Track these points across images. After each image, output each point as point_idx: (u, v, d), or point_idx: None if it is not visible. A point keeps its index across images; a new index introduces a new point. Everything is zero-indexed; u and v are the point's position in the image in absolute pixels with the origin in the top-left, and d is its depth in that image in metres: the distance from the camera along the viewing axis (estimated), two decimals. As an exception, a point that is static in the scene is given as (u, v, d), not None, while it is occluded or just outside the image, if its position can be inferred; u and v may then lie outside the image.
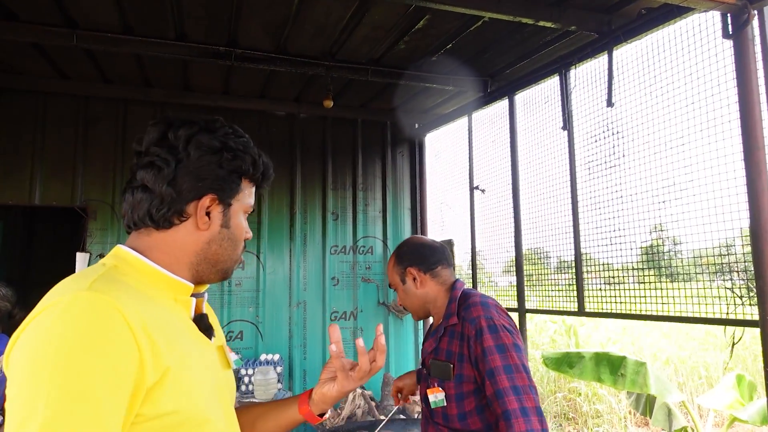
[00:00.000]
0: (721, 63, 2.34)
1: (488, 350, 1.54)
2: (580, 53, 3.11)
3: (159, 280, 0.94)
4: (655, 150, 2.67)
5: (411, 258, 1.82)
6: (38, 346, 0.74)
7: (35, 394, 0.71)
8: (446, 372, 1.64)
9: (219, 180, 0.97)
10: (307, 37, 3.35)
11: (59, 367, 0.71)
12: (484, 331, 1.57)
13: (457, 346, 1.64)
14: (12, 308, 2.82)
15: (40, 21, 3.12)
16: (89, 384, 0.72)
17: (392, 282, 1.85)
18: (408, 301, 1.82)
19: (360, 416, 4.02)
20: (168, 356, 0.83)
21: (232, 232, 1.01)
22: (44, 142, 4.08)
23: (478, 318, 1.60)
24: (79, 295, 0.77)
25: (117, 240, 4.14)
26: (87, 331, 0.74)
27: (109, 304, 0.77)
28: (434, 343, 1.73)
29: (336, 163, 4.84)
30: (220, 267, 1.02)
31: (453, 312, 1.70)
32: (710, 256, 2.50)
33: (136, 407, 0.78)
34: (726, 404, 4.01)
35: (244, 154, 1.00)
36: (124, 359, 0.76)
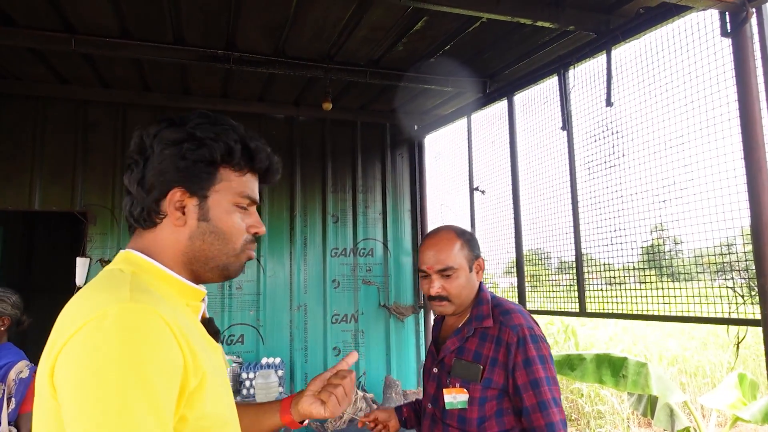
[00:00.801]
0: (720, 61, 2.34)
1: (532, 360, 1.52)
2: (578, 53, 3.11)
3: (173, 285, 0.95)
4: (654, 149, 2.67)
5: (479, 248, 1.73)
6: (98, 359, 0.74)
7: (105, 406, 0.72)
8: (474, 374, 1.57)
9: (181, 171, 0.93)
10: (305, 39, 3.35)
11: (125, 379, 0.73)
12: (528, 341, 1.54)
13: (490, 350, 1.58)
14: (20, 316, 2.80)
15: (39, 26, 3.12)
16: (154, 393, 0.74)
17: (454, 265, 1.65)
18: (463, 291, 1.66)
19: (362, 419, 4.00)
20: (204, 362, 0.85)
21: (214, 225, 0.96)
22: (43, 147, 4.08)
23: (521, 326, 1.57)
24: (126, 307, 0.78)
25: (117, 244, 4.14)
26: (144, 342, 0.76)
27: (156, 315, 0.79)
28: (458, 342, 1.66)
29: (335, 166, 4.83)
30: (214, 264, 0.97)
31: (487, 314, 1.64)
32: (711, 256, 2.50)
33: (180, 409, 0.81)
34: (728, 404, 3.99)
35: (214, 142, 0.94)
36: (176, 366, 0.79)
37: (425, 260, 1.69)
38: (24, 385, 2.60)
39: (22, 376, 2.61)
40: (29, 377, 2.63)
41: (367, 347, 4.71)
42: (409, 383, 4.78)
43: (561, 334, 7.59)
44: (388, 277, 4.86)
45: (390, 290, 4.85)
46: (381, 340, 4.77)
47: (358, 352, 4.70)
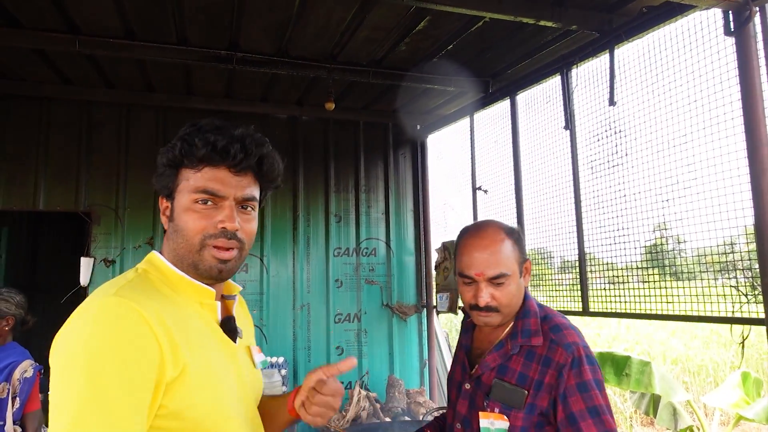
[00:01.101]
0: (723, 60, 2.34)
1: (589, 384, 1.32)
2: (581, 52, 3.11)
3: (184, 285, 1.00)
4: (657, 148, 2.67)
5: (525, 248, 1.49)
6: (70, 345, 0.84)
7: (68, 387, 0.81)
8: (518, 400, 1.36)
9: (158, 178, 1.03)
10: (308, 39, 3.36)
11: (87, 364, 0.81)
12: (583, 362, 1.34)
13: (536, 372, 1.36)
14: (25, 315, 2.82)
15: (43, 27, 3.13)
16: (113, 378, 0.81)
17: (507, 270, 1.41)
18: (513, 300, 1.44)
19: (365, 418, 4.01)
20: (186, 354, 0.90)
21: (176, 224, 1.00)
22: (48, 147, 4.09)
23: (576, 345, 1.36)
24: (105, 300, 0.88)
25: (121, 244, 4.15)
26: (110, 331, 0.84)
27: (130, 307, 0.86)
28: (500, 359, 1.43)
29: (338, 166, 4.84)
30: (186, 262, 1.00)
31: (535, 330, 1.41)
32: (714, 255, 2.50)
33: (159, 398, 0.86)
34: (731, 403, 3.99)
35: (175, 144, 0.99)
36: (146, 354, 0.85)
37: (474, 264, 1.42)
38: (29, 385, 2.62)
39: (26, 376, 2.62)
40: (33, 376, 2.65)
41: (370, 346, 4.72)
42: (411, 383, 4.78)
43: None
44: (391, 277, 4.87)
45: (393, 290, 4.86)
46: (384, 340, 4.78)
47: (361, 352, 4.72)
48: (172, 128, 4.39)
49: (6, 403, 2.57)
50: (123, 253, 4.16)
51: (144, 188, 4.26)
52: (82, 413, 0.79)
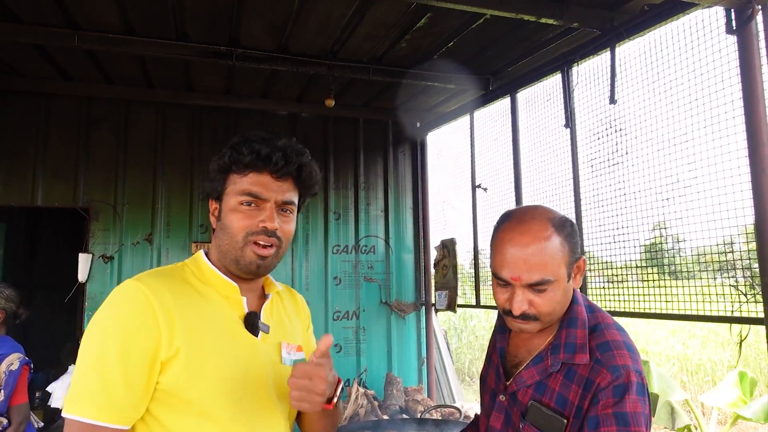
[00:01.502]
0: (725, 59, 2.33)
1: (632, 418, 1.06)
2: (582, 50, 3.10)
3: (212, 279, 1.13)
4: (658, 147, 2.66)
5: (579, 243, 1.21)
6: (92, 322, 1.03)
7: (83, 350, 1.02)
8: (555, 428, 1.14)
9: (210, 182, 1.16)
10: (308, 35, 3.35)
11: (98, 332, 1.01)
12: (631, 390, 1.08)
13: (576, 395, 1.14)
14: (17, 309, 2.82)
15: (42, 22, 3.12)
16: (117, 343, 0.99)
17: (552, 276, 1.15)
18: (557, 307, 1.19)
19: (363, 416, 4.01)
20: (181, 339, 1.01)
21: (224, 223, 1.13)
22: (47, 143, 4.08)
23: (626, 369, 1.10)
24: (124, 283, 1.05)
25: (119, 240, 4.15)
26: (119, 308, 1.02)
27: (140, 289, 1.02)
28: (538, 376, 1.21)
29: (338, 163, 4.83)
30: (229, 258, 1.13)
31: (581, 344, 1.17)
32: (714, 254, 2.49)
33: (155, 375, 1.00)
34: (729, 402, 4.00)
35: (225, 152, 1.13)
36: (146, 329, 0.99)
37: (510, 265, 1.16)
38: (13, 377, 2.62)
39: (12, 369, 2.63)
40: (18, 370, 2.65)
41: (369, 344, 4.72)
42: (410, 380, 4.79)
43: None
44: (390, 275, 4.86)
45: (392, 287, 4.86)
46: (382, 338, 4.78)
47: (359, 349, 4.72)
48: (171, 124, 4.38)
49: None
50: (121, 249, 4.15)
51: (143, 185, 4.26)
52: (88, 371, 0.99)
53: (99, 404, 0.97)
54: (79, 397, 0.98)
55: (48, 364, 5.62)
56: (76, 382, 0.99)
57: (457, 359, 9.01)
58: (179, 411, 1.02)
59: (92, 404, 0.96)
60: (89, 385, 0.98)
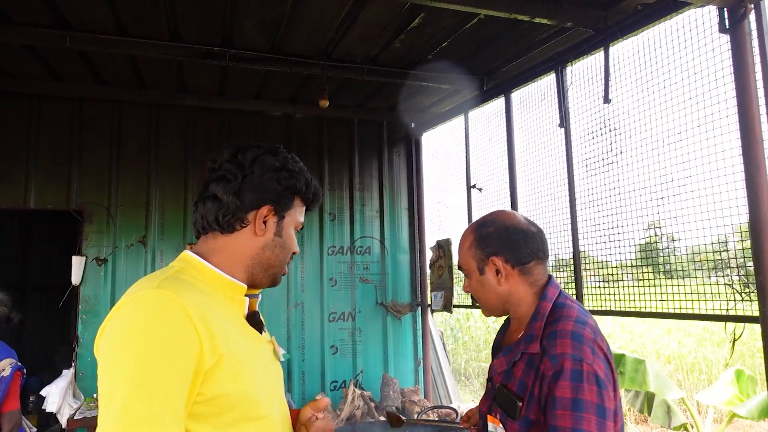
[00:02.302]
0: (718, 58, 2.33)
1: (560, 402, 1.17)
2: (576, 50, 3.10)
3: (216, 281, 1.11)
4: (652, 146, 2.66)
5: (498, 244, 1.40)
6: (120, 336, 0.93)
7: (117, 376, 0.89)
8: (512, 409, 1.28)
9: (276, 194, 1.15)
10: (302, 36, 3.33)
11: (136, 354, 0.90)
12: (564, 375, 1.18)
13: (532, 381, 1.27)
14: (9, 312, 2.79)
15: (33, 23, 3.09)
16: (161, 366, 0.90)
17: (465, 266, 1.46)
18: (482, 295, 1.44)
19: (359, 417, 4.00)
20: (222, 344, 0.98)
21: (284, 241, 1.18)
22: (38, 145, 4.05)
23: (563, 357, 1.21)
24: (149, 293, 0.96)
25: (113, 242, 4.12)
26: (155, 323, 0.93)
27: (173, 300, 0.95)
28: (506, 365, 1.37)
29: (332, 164, 4.82)
30: (271, 272, 1.18)
31: (537, 334, 1.31)
32: (708, 252, 2.49)
33: (197, 386, 0.94)
34: (725, 400, 4.01)
35: (299, 176, 1.19)
36: (188, 344, 0.93)
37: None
38: (5, 383, 2.60)
39: (3, 375, 2.60)
40: (10, 375, 2.62)
41: (365, 345, 4.71)
42: (406, 381, 4.78)
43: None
44: (386, 275, 4.85)
45: (387, 288, 4.84)
46: (378, 338, 4.76)
47: (355, 351, 4.70)
48: (164, 126, 4.36)
49: None
50: (115, 251, 4.12)
51: (136, 186, 4.23)
52: (131, 400, 0.87)
53: (162, 427, 0.88)
54: (139, 422, 0.86)
55: (42, 367, 5.58)
56: (125, 406, 0.87)
57: (453, 360, 9.00)
58: (221, 418, 0.99)
59: (154, 428, 0.87)
60: (148, 408, 0.87)
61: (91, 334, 4.00)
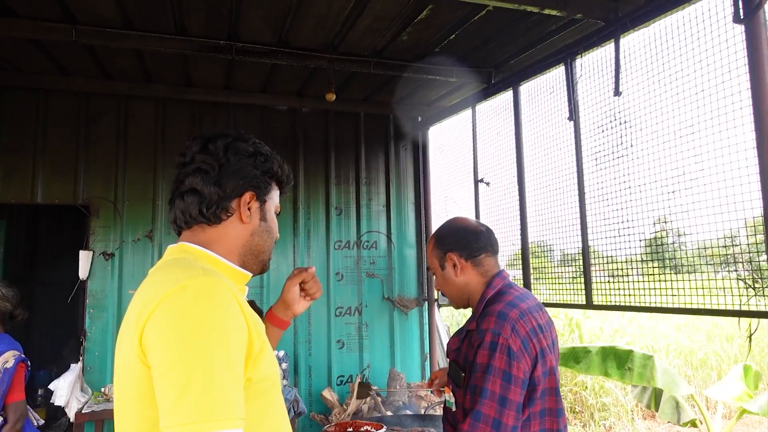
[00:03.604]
0: (732, 49, 2.29)
1: (479, 366, 1.46)
2: (586, 42, 3.06)
3: (226, 271, 1.12)
4: (663, 139, 2.63)
5: (453, 242, 1.70)
6: (187, 323, 0.90)
7: (189, 359, 0.87)
8: (458, 379, 1.57)
9: (255, 179, 1.16)
10: (308, 29, 3.31)
11: (208, 339, 0.90)
12: (484, 346, 1.47)
13: (471, 354, 1.53)
14: (14, 309, 2.79)
15: (39, 17, 3.08)
16: (228, 348, 0.91)
17: (431, 265, 1.78)
18: (446, 289, 1.73)
19: (366, 411, 4.00)
20: (262, 332, 1.04)
21: (269, 225, 1.21)
22: (45, 139, 4.05)
23: (486, 331, 1.49)
24: (202, 280, 0.96)
25: (120, 237, 4.12)
26: (217, 308, 0.93)
27: (226, 287, 0.97)
28: (458, 343, 1.64)
29: (339, 158, 4.80)
30: (261, 258, 1.21)
31: (476, 316, 1.60)
32: (719, 247, 2.46)
33: (248, 370, 0.97)
34: (734, 396, 3.97)
35: (273, 159, 1.21)
36: (243, 331, 0.96)
37: None
38: (8, 375, 2.61)
39: (6, 366, 2.61)
40: (14, 367, 2.63)
41: (371, 340, 4.70)
42: (413, 376, 4.77)
43: (566, 327, 7.57)
44: (392, 270, 4.84)
45: (394, 283, 4.83)
46: (385, 333, 4.76)
47: (362, 345, 4.69)
48: (171, 119, 4.35)
49: None
50: (122, 246, 4.13)
51: (143, 181, 4.23)
52: (209, 387, 0.86)
53: (238, 410, 0.89)
54: (220, 407, 0.86)
55: (50, 361, 5.62)
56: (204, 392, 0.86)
57: (459, 354, 8.97)
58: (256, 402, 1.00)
59: (234, 412, 0.88)
60: (226, 393, 0.88)
61: (98, 328, 4.01)
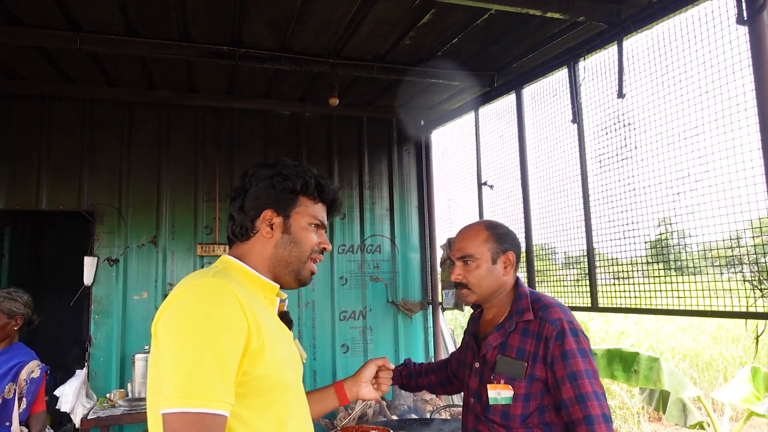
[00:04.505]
0: (736, 50, 2.29)
1: (570, 353, 1.53)
2: (589, 44, 3.06)
3: (254, 281, 1.25)
4: (668, 141, 2.62)
5: (511, 242, 1.74)
6: (183, 316, 1.06)
7: (182, 346, 1.02)
8: (519, 371, 1.59)
9: (272, 197, 1.27)
10: (311, 34, 3.32)
11: (198, 332, 1.03)
12: (567, 333, 1.55)
13: (531, 345, 1.59)
14: (32, 315, 2.80)
15: (43, 24, 3.10)
16: (218, 339, 1.03)
17: (476, 254, 1.69)
18: (483, 282, 1.69)
19: (371, 416, 3.99)
20: (264, 332, 1.12)
21: (294, 236, 1.29)
22: (50, 146, 4.07)
23: (560, 320, 1.58)
24: (206, 281, 1.10)
25: (125, 243, 4.14)
26: (214, 304, 1.06)
27: (226, 286, 1.09)
28: (500, 338, 1.66)
29: (342, 162, 4.81)
30: (291, 269, 1.29)
31: (527, 308, 1.65)
32: (725, 248, 2.45)
33: (244, 364, 1.07)
34: (742, 398, 3.95)
35: (296, 177, 1.28)
36: (239, 326, 1.07)
37: (452, 247, 1.77)
38: (35, 385, 2.61)
39: (33, 376, 2.61)
40: (40, 377, 2.63)
41: (376, 344, 4.69)
42: (418, 380, 4.75)
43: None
44: (396, 274, 4.83)
45: (398, 287, 4.83)
46: (389, 337, 4.75)
47: (366, 349, 4.68)
48: (174, 126, 4.37)
49: (12, 404, 2.55)
50: (127, 252, 4.13)
51: (147, 187, 4.24)
52: (193, 373, 0.99)
53: (221, 395, 1.00)
54: (201, 389, 0.99)
55: (55, 368, 5.62)
56: (188, 375, 0.99)
57: (464, 358, 8.96)
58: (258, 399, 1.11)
59: (214, 395, 1.00)
60: (208, 377, 1.00)
61: (103, 334, 4.02)
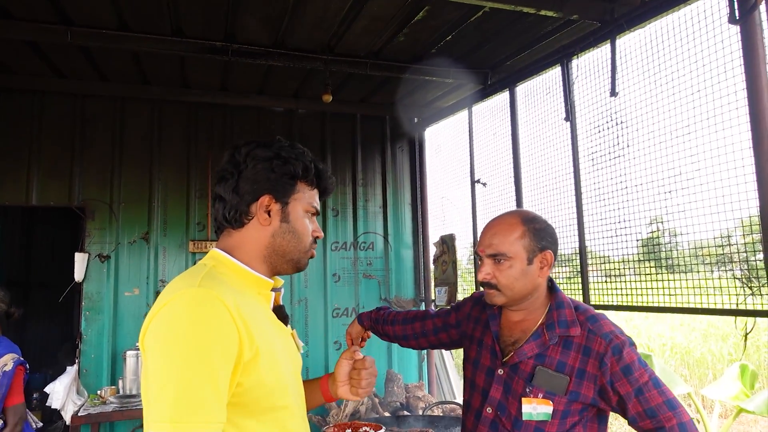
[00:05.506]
0: (728, 49, 2.30)
1: (633, 366, 1.39)
2: (582, 43, 3.07)
3: (245, 277, 1.17)
4: (660, 140, 2.63)
5: (550, 239, 1.52)
6: (168, 331, 0.98)
7: (170, 365, 0.95)
8: (561, 386, 1.42)
9: (271, 182, 1.18)
10: (305, 30, 3.31)
11: (186, 347, 0.96)
12: (625, 345, 1.41)
13: (576, 361, 1.43)
14: (8, 308, 2.79)
15: (34, 18, 3.07)
16: (207, 356, 0.96)
17: (509, 253, 1.48)
18: (516, 284, 1.48)
19: (363, 413, 3.99)
20: (258, 338, 1.05)
21: (292, 225, 1.21)
22: (41, 141, 4.04)
23: (613, 334, 1.43)
24: (192, 291, 1.01)
25: (116, 239, 4.11)
26: (202, 318, 0.98)
27: (215, 297, 1.01)
28: (537, 349, 1.48)
29: (335, 159, 4.80)
30: (289, 257, 1.22)
31: (572, 321, 1.47)
32: (716, 246, 2.47)
33: (237, 376, 1.01)
34: (731, 395, 3.99)
35: (296, 161, 1.20)
36: (229, 338, 1.00)
37: (480, 241, 1.54)
38: (7, 378, 2.60)
39: (5, 369, 2.60)
40: (12, 370, 2.62)
41: (368, 341, 4.64)
42: (410, 377, 4.77)
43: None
44: (389, 271, 4.84)
45: (391, 284, 4.83)
46: (382, 334, 4.75)
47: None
48: (167, 121, 4.34)
49: None
50: (118, 248, 4.11)
51: (139, 182, 4.21)
52: (183, 391, 0.93)
53: (210, 415, 0.95)
54: (190, 411, 0.93)
55: (46, 364, 5.59)
56: (176, 396, 0.93)
57: (457, 355, 9.00)
58: (256, 405, 1.06)
59: (204, 416, 0.94)
60: (196, 397, 0.94)
61: (94, 330, 3.99)
